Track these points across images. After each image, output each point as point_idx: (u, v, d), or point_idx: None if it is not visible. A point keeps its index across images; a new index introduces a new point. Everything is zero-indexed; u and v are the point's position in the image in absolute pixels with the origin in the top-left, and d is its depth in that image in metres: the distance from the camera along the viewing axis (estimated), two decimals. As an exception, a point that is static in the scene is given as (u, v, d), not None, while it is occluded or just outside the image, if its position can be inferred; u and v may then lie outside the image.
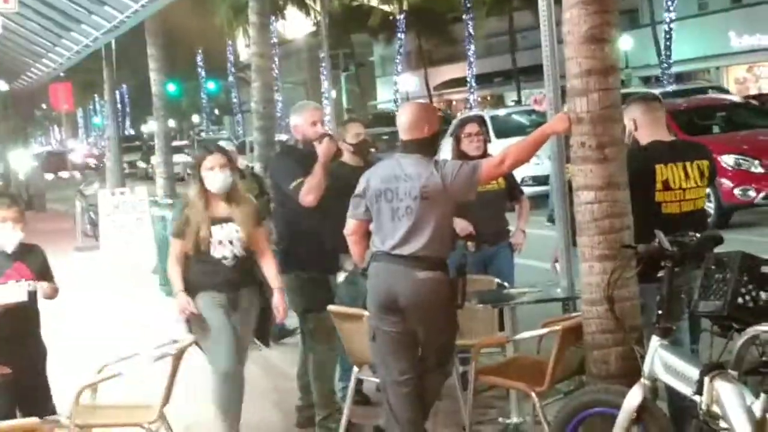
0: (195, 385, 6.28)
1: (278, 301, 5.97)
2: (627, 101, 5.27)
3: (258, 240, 5.93)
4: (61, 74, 24.51)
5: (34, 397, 5.37)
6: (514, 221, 7.38)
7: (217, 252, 5.75)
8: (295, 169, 6.17)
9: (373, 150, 7.80)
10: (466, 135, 6.95)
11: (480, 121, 7.69)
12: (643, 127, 5.25)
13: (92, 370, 5.57)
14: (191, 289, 5.76)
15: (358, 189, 5.20)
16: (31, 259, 5.51)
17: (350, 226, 5.30)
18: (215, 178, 5.76)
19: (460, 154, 6.83)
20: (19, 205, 5.66)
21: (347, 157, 6.73)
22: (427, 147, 5.13)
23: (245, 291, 5.87)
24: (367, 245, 5.27)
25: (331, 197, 6.05)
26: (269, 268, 5.99)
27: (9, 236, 5.43)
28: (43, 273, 5.55)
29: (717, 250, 4.43)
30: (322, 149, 6.15)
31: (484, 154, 6.69)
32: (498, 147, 7.54)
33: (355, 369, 5.98)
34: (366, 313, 5.36)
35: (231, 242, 5.77)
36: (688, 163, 5.16)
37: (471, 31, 42.27)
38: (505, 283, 6.72)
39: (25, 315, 5.42)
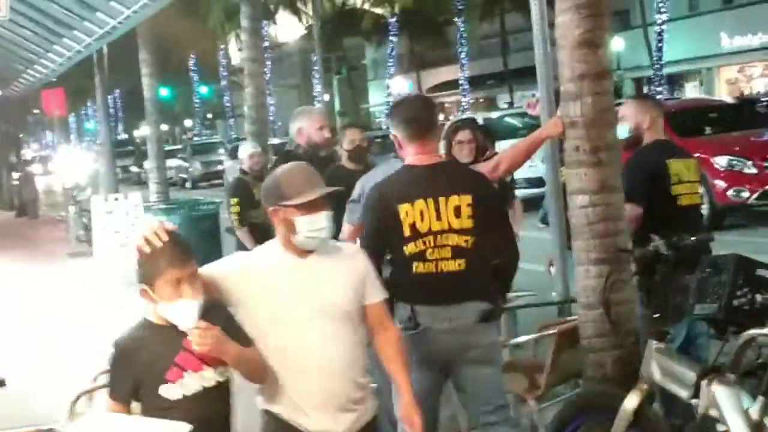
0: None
1: None
2: (641, 97, 5.35)
3: None
4: (53, 80, 24.43)
5: None
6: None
7: None
8: None
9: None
10: (457, 142, 6.79)
11: (474, 125, 7.56)
12: (651, 126, 5.33)
13: (87, 377, 5.36)
14: None
15: (354, 194, 5.20)
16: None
17: (346, 231, 5.30)
18: None
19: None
20: (194, 257, 3.47)
21: (344, 161, 6.72)
22: (421, 152, 5.11)
23: None
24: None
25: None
26: None
27: (187, 308, 3.36)
28: (237, 337, 3.51)
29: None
30: None
31: (475, 161, 6.63)
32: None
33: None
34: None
35: None
36: (685, 160, 5.31)
37: (463, 33, 42.29)
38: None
39: (220, 395, 3.63)
